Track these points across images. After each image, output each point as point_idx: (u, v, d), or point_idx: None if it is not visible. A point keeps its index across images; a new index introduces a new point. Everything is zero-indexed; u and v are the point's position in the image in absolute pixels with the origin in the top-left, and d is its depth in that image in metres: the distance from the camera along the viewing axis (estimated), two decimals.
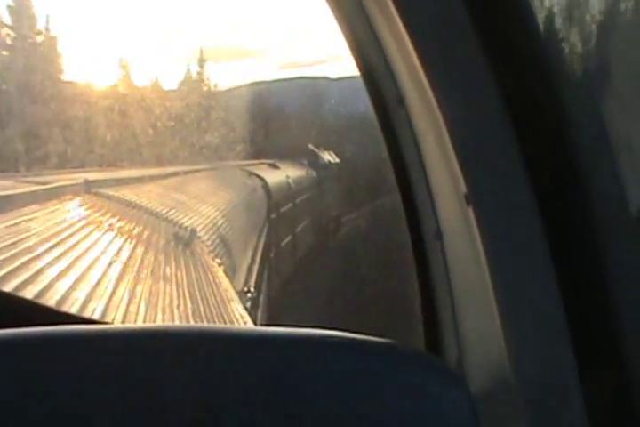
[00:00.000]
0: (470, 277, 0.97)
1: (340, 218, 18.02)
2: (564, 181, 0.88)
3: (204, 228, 7.88)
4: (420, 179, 1.13)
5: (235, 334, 0.77)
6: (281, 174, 15.43)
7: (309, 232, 16.68)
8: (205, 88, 13.10)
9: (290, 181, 15.22)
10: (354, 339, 0.77)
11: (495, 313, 0.88)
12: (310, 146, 18.25)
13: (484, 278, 0.90)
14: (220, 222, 8.64)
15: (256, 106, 12.95)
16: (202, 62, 13.07)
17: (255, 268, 8.73)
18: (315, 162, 18.76)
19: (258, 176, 13.23)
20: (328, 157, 20.36)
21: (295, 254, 14.37)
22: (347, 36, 1.19)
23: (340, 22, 1.18)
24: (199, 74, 13.01)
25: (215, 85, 13.43)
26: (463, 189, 0.89)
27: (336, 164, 20.29)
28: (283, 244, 13.27)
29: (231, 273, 7.36)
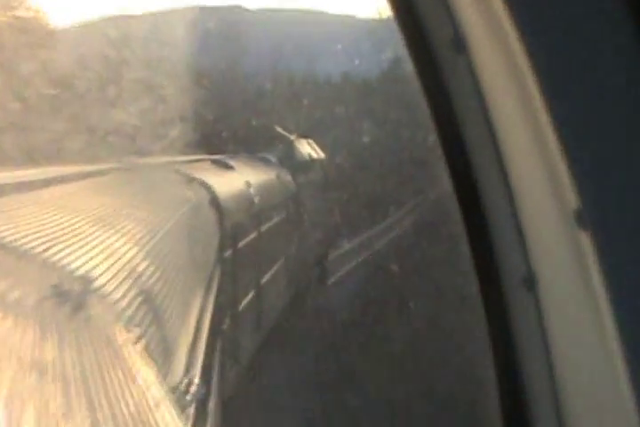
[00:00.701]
0: (585, 347, 1.00)
1: (328, 256, 17.96)
2: None
3: (108, 273, 7.90)
4: (497, 184, 1.14)
5: None
6: (237, 179, 15.42)
7: (282, 282, 16.55)
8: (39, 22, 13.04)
9: (252, 191, 15.22)
10: None
11: (628, 400, 0.90)
12: (279, 130, 18.15)
13: (608, 348, 0.92)
14: (139, 265, 8.66)
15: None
16: None
17: (201, 346, 8.73)
18: (288, 157, 18.68)
19: (202, 183, 13.27)
20: (307, 148, 20.27)
21: (262, 322, 14.26)
22: None
23: None
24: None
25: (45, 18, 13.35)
26: (573, 202, 0.91)
27: (319, 160, 20.17)
28: (244, 303, 13.26)
29: (160, 355, 7.37)
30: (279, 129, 18.45)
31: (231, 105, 16.16)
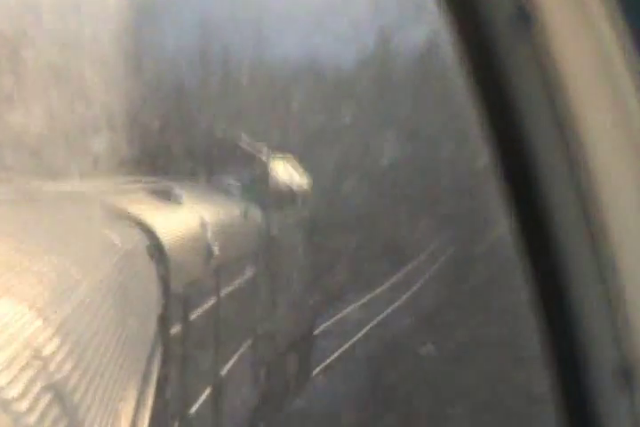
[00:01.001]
0: None
1: (313, 337, 18.21)
2: None
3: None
4: (582, 243, 1.14)
5: None
6: (189, 217, 15.70)
7: (251, 373, 16.74)
8: None
9: (209, 235, 15.47)
10: None
11: None
12: (243, 144, 18.44)
13: None
14: (44, 346, 8.63)
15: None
16: None
17: None
18: (260, 186, 19.01)
19: (137, 222, 13.42)
20: (286, 173, 20.66)
21: None
22: None
23: None
24: None
25: None
26: None
27: (304, 190, 20.52)
28: (197, 404, 13.42)
29: None
30: (246, 144, 18.63)
31: (180, 107, 16.29)
